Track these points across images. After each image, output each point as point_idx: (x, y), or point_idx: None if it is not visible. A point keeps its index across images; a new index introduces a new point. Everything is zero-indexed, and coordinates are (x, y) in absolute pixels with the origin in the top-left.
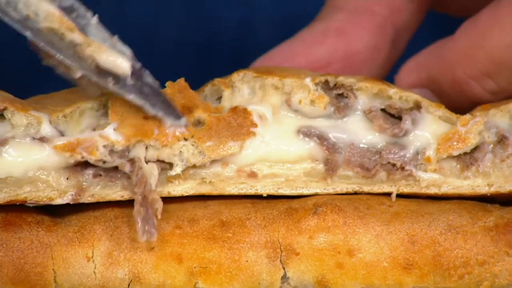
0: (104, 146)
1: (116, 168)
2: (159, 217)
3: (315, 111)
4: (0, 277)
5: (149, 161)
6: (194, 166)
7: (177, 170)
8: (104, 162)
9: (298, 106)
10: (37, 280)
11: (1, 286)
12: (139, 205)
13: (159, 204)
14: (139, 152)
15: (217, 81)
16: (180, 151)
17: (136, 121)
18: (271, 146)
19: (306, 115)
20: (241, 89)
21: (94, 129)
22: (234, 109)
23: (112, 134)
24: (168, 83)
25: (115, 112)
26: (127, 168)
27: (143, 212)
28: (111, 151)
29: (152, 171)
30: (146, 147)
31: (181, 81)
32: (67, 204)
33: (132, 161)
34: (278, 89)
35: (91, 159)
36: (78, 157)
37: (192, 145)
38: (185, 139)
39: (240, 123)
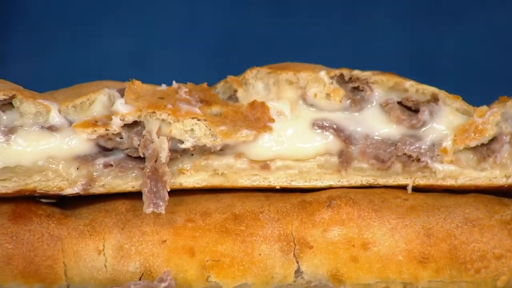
0: (119, 118)
1: (127, 158)
2: (168, 189)
3: (331, 104)
4: (10, 270)
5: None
6: (206, 157)
7: (187, 144)
8: (121, 137)
9: (314, 100)
10: (48, 273)
11: (11, 279)
12: (146, 178)
13: (168, 176)
14: (151, 126)
15: (230, 78)
16: (192, 129)
17: (151, 98)
18: (287, 142)
19: (321, 109)
20: (255, 86)
21: None
22: (252, 104)
23: (123, 106)
24: (189, 83)
25: (132, 91)
26: (138, 142)
27: (150, 184)
28: (124, 126)
29: (162, 145)
30: (159, 125)
31: (204, 84)
32: (78, 197)
33: (144, 137)
34: (293, 84)
35: (115, 130)
36: (101, 131)
37: (206, 126)
38: (198, 119)
39: (258, 118)
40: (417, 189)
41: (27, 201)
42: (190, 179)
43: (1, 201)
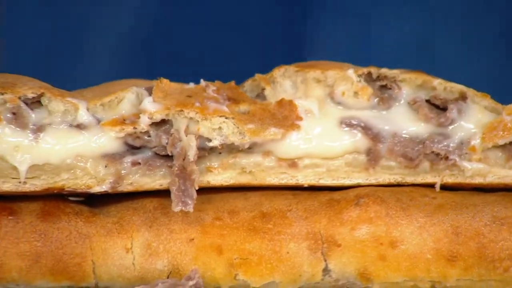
0: (147, 116)
1: (155, 156)
2: (197, 187)
3: (359, 102)
4: (39, 267)
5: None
6: (234, 156)
7: (215, 142)
8: (149, 135)
9: (341, 98)
10: (76, 271)
11: (40, 277)
12: (175, 176)
13: (196, 175)
14: (179, 125)
15: (258, 77)
16: (220, 127)
17: (178, 97)
18: (315, 140)
19: (349, 107)
20: (282, 85)
21: None
22: (280, 102)
23: (151, 105)
24: (217, 81)
25: (160, 89)
26: (166, 141)
27: (179, 183)
28: (152, 124)
29: (190, 143)
30: (187, 123)
31: (232, 83)
32: (106, 195)
33: (172, 135)
34: (321, 82)
35: (143, 129)
36: (129, 129)
37: (234, 124)
38: (226, 118)
39: (285, 116)
40: (445, 188)
41: (55, 199)
42: (218, 177)
43: (30, 199)
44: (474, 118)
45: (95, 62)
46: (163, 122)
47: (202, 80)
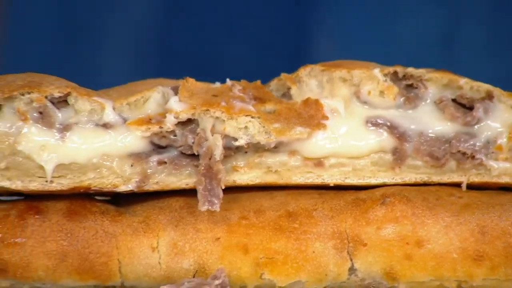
0: (173, 115)
1: (181, 155)
2: (223, 187)
3: (385, 102)
4: (65, 266)
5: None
6: (260, 155)
7: (241, 142)
8: (175, 135)
9: (367, 97)
10: (102, 270)
11: (66, 276)
12: (201, 176)
13: (223, 174)
14: (205, 124)
15: (283, 76)
16: (246, 126)
17: (204, 96)
18: (341, 140)
19: (375, 106)
20: (308, 84)
21: None
22: (306, 101)
23: (177, 104)
24: (243, 81)
25: (186, 89)
26: (192, 140)
27: (205, 182)
28: (178, 123)
29: (216, 142)
30: (213, 123)
31: (257, 82)
32: (132, 195)
33: (198, 134)
34: (347, 81)
35: (169, 128)
36: (155, 128)
37: (260, 123)
38: (252, 117)
39: (311, 115)
40: (471, 187)
41: (81, 198)
42: (244, 177)
43: (56, 198)
44: (501, 117)
45: (108, 64)
46: (189, 121)
47: (228, 80)
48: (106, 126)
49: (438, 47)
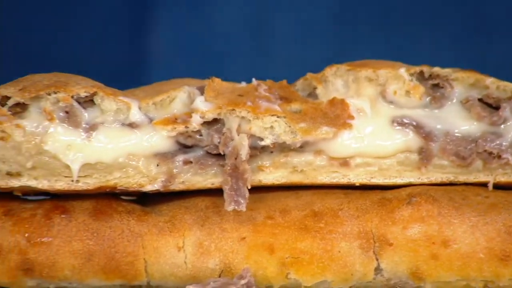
0: (199, 115)
1: (206, 155)
2: (249, 187)
3: (411, 101)
4: (91, 266)
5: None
6: (286, 155)
7: (267, 141)
8: (201, 134)
9: (393, 97)
10: (128, 270)
11: (93, 275)
12: (227, 175)
13: (249, 174)
14: (231, 124)
15: (309, 75)
16: (272, 126)
17: (230, 96)
18: (367, 139)
19: (401, 106)
20: (334, 84)
21: None
22: (332, 101)
23: (203, 104)
24: (269, 80)
25: (212, 89)
26: (218, 140)
27: (231, 182)
28: (204, 123)
29: (243, 142)
30: (239, 123)
31: (283, 82)
32: (158, 194)
33: (224, 134)
34: (372, 81)
35: (195, 128)
36: (181, 128)
37: (285, 123)
38: (278, 117)
39: (337, 115)
40: (498, 186)
41: (108, 198)
42: (270, 176)
43: (83, 197)
44: None
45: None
46: (215, 121)
47: (253, 79)
48: (132, 125)
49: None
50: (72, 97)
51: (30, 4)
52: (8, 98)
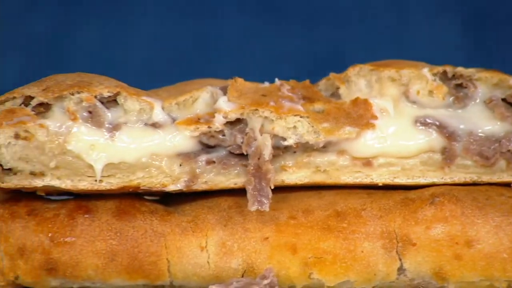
0: (222, 115)
1: (229, 155)
2: (272, 187)
3: (434, 101)
4: (114, 266)
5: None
6: (308, 154)
7: (290, 141)
8: (224, 134)
9: (416, 97)
10: (151, 270)
11: (116, 275)
12: (250, 175)
13: (272, 174)
14: (254, 124)
15: (332, 75)
16: (295, 126)
17: (253, 96)
18: (390, 139)
19: (424, 106)
20: (357, 84)
21: None
22: (355, 101)
23: (226, 104)
24: (292, 80)
25: (235, 89)
26: (241, 140)
27: (254, 182)
28: (227, 123)
29: (266, 142)
30: (262, 123)
31: (306, 81)
32: (181, 194)
33: (247, 134)
34: (395, 81)
35: (217, 128)
36: (204, 128)
37: (308, 123)
38: (301, 117)
39: (360, 115)
40: None
41: (131, 198)
42: (293, 176)
43: (106, 197)
44: None
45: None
46: (237, 121)
47: (276, 79)
48: (155, 125)
49: None
50: (95, 97)
51: None
52: (31, 98)
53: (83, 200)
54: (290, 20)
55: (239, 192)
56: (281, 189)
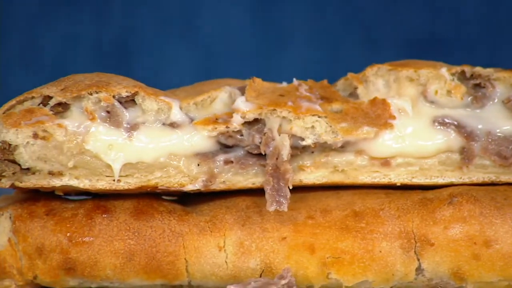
0: (239, 115)
1: (247, 155)
2: (291, 187)
3: (452, 101)
4: (132, 265)
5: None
6: (326, 154)
7: (308, 141)
8: (242, 134)
9: (434, 97)
10: (169, 269)
11: (134, 275)
12: (269, 175)
13: (290, 174)
14: (272, 124)
15: (350, 75)
16: (313, 126)
17: (271, 96)
18: (408, 139)
19: (442, 106)
20: (375, 83)
21: None
22: (373, 101)
23: (243, 104)
24: (310, 80)
25: (253, 89)
26: (259, 140)
27: (273, 182)
28: (245, 123)
29: (284, 142)
30: (280, 123)
31: (324, 81)
32: (199, 194)
33: (265, 134)
34: (413, 81)
35: (235, 128)
36: (222, 128)
37: (326, 123)
38: (319, 117)
39: (378, 115)
40: None
41: (149, 198)
42: (311, 176)
43: (124, 197)
44: None
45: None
46: (255, 121)
47: (294, 79)
48: (173, 125)
49: None
50: (114, 97)
51: None
52: (50, 98)
53: (101, 200)
54: None
55: (257, 192)
56: (299, 189)
